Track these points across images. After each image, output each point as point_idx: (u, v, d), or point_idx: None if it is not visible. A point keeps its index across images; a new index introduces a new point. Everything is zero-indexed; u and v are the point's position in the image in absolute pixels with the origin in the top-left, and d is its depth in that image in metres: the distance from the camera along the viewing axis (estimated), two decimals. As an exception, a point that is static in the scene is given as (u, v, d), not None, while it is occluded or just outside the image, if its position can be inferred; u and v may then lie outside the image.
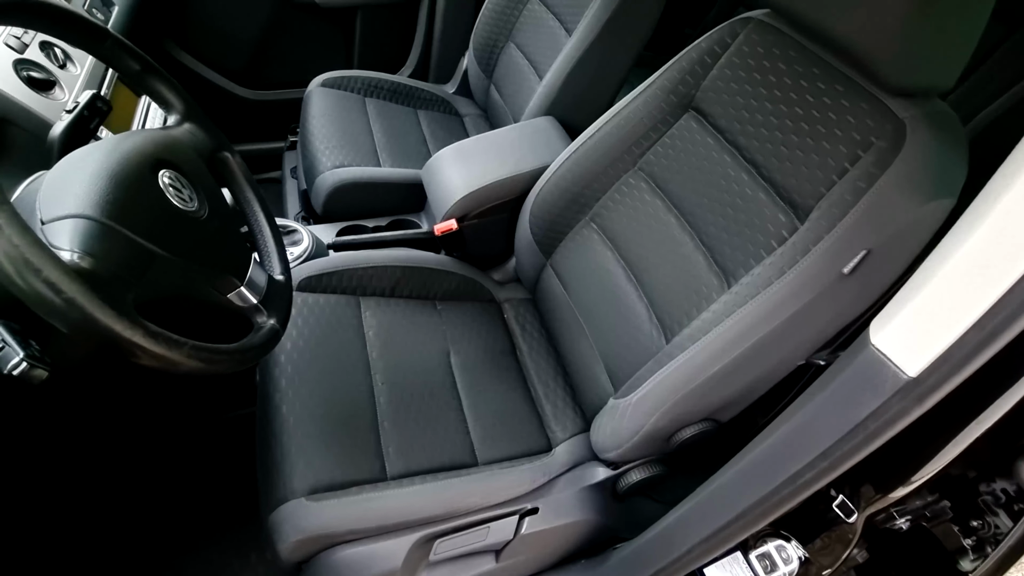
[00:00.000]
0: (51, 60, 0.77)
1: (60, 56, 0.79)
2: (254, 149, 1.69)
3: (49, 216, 0.44)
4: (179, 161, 0.57)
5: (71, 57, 0.81)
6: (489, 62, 1.51)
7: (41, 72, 0.74)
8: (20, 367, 0.42)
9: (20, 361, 0.42)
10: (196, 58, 1.50)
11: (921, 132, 0.61)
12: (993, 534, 0.47)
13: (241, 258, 0.61)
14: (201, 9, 1.45)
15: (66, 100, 0.75)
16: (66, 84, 0.77)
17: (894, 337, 0.43)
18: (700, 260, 0.82)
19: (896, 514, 0.52)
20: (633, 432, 0.77)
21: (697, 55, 0.86)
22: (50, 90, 0.74)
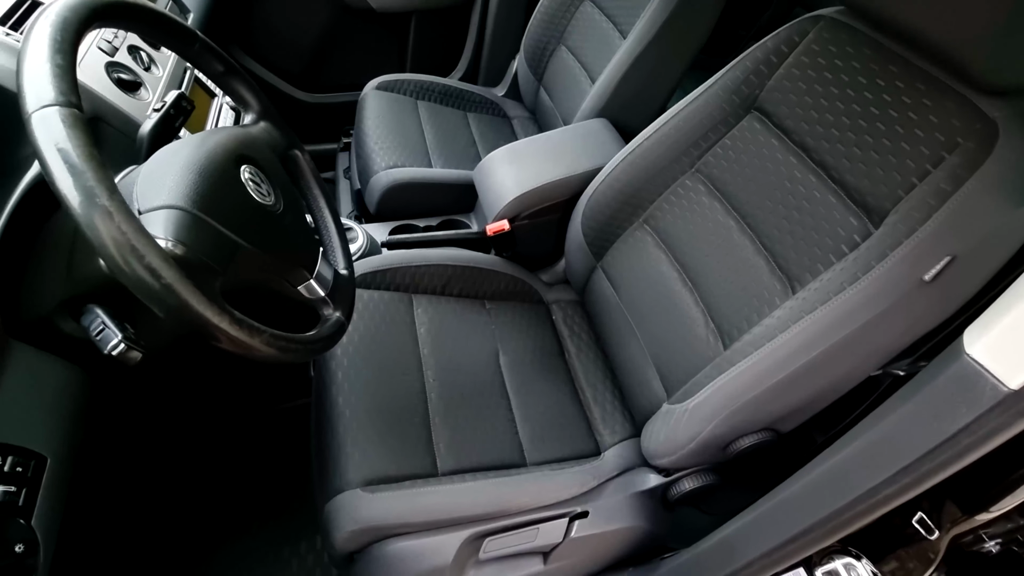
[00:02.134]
0: (138, 63, 0.82)
1: (146, 59, 0.84)
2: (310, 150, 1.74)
3: (146, 206, 0.47)
4: (258, 157, 0.59)
5: (155, 61, 0.86)
6: (539, 65, 1.52)
7: (129, 74, 0.79)
8: (119, 348, 0.45)
9: (119, 342, 0.45)
10: (259, 62, 1.57)
11: (1017, 132, 0.58)
12: (1097, 563, 0.44)
13: (311, 252, 0.63)
14: (265, 16, 1.51)
15: (151, 100, 0.80)
16: (150, 85, 0.82)
17: (993, 347, 0.40)
18: (762, 264, 0.80)
19: (985, 536, 0.49)
20: (689, 439, 0.76)
21: (762, 54, 0.84)
22: (136, 91, 0.79)
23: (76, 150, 0.38)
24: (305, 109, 1.68)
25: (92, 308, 0.48)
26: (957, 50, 0.60)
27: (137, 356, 0.46)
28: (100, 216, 0.38)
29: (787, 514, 0.59)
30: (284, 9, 1.52)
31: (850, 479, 0.51)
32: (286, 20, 1.54)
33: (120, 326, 0.47)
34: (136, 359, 0.46)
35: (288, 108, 1.66)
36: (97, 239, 0.38)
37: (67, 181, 0.38)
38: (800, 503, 0.58)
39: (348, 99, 1.69)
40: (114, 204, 0.39)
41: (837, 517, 0.53)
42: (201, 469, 1.16)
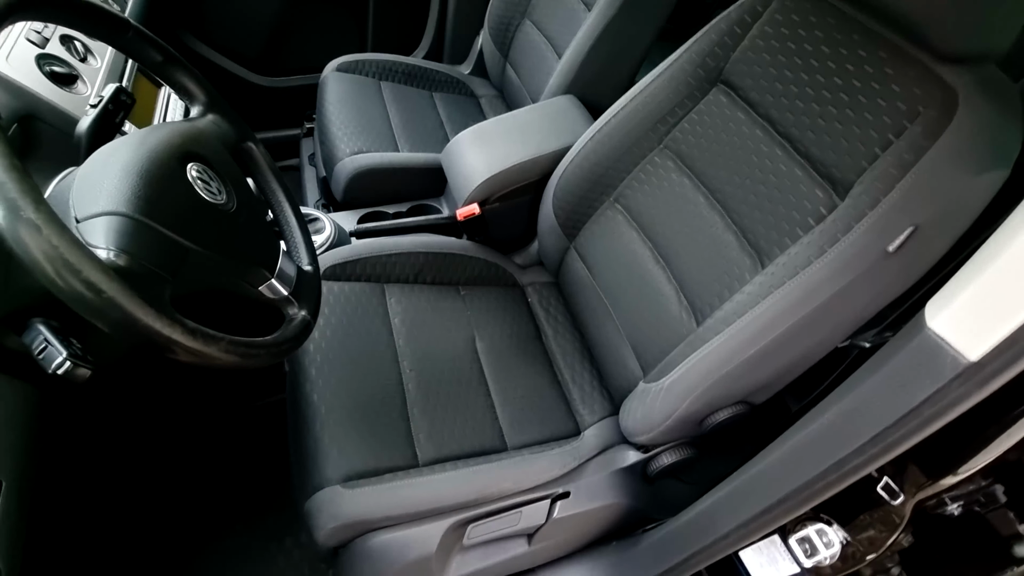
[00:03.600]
0: (72, 54, 0.77)
1: (81, 50, 0.78)
2: (270, 137, 1.69)
3: (84, 214, 0.44)
4: (206, 153, 0.56)
5: (91, 51, 0.80)
6: (505, 41, 1.48)
7: (63, 67, 0.74)
8: (64, 366, 0.43)
9: (64, 360, 0.43)
10: (211, 47, 1.49)
11: (975, 100, 0.58)
12: (1052, 520, 0.46)
13: (270, 250, 0.61)
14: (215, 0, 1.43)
15: (89, 94, 0.75)
16: (88, 78, 0.77)
17: (953, 320, 0.41)
18: (731, 240, 0.80)
19: (948, 499, 0.51)
20: (665, 416, 0.76)
21: (726, 26, 0.83)
22: (72, 84, 0.74)
23: None
24: (264, 94, 1.61)
25: (34, 324, 0.45)
26: (918, 18, 0.59)
27: (86, 373, 0.44)
28: (27, 231, 0.35)
29: (762, 486, 0.60)
30: (233, -11, 1.44)
31: (821, 451, 0.52)
32: (239, 2, 1.46)
33: (65, 342, 0.44)
34: (85, 376, 0.44)
35: (246, 94, 1.59)
36: (27, 256, 0.36)
37: None
38: (774, 475, 0.59)
39: (308, 82, 1.63)
40: (41, 216, 0.36)
41: (810, 487, 0.54)
42: (180, 471, 1.14)
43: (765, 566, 0.67)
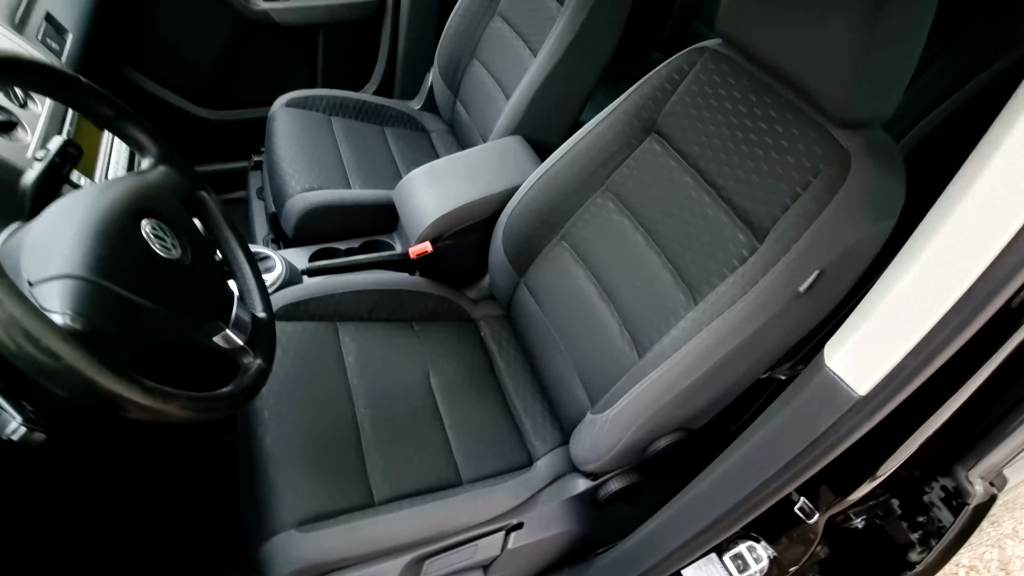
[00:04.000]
0: (11, 100, 0.75)
1: (20, 96, 0.77)
2: (217, 169, 1.66)
3: (37, 277, 0.44)
4: (159, 208, 0.57)
5: (31, 95, 0.79)
6: (454, 79, 1.53)
7: (2, 114, 0.72)
8: (19, 432, 0.42)
9: (19, 426, 0.42)
10: (154, 80, 1.47)
11: (863, 161, 0.67)
12: (937, 528, 0.53)
13: (225, 300, 0.62)
14: (158, 31, 1.41)
15: (30, 141, 0.74)
16: (28, 124, 0.76)
17: (845, 360, 0.48)
18: (667, 277, 0.86)
19: (853, 515, 0.57)
20: (611, 445, 0.81)
21: (658, 82, 0.91)
22: (12, 131, 0.73)
23: None
24: (210, 127, 1.59)
25: (-19, 389, 0.45)
26: (813, 88, 0.68)
27: (41, 438, 0.44)
28: None
29: (698, 509, 0.66)
30: (180, 23, 1.43)
31: (745, 476, 0.57)
32: (183, 35, 1.45)
33: (17, 406, 0.44)
34: (40, 440, 0.44)
35: (191, 127, 1.56)
36: None
37: None
38: (708, 498, 0.64)
39: (257, 115, 1.62)
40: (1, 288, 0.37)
41: (738, 509, 0.60)
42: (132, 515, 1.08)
43: (705, 583, 0.72)
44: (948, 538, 0.51)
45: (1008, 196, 0.37)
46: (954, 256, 0.40)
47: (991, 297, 0.38)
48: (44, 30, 0.96)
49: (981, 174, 0.38)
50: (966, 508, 0.51)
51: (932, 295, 0.41)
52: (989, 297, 0.38)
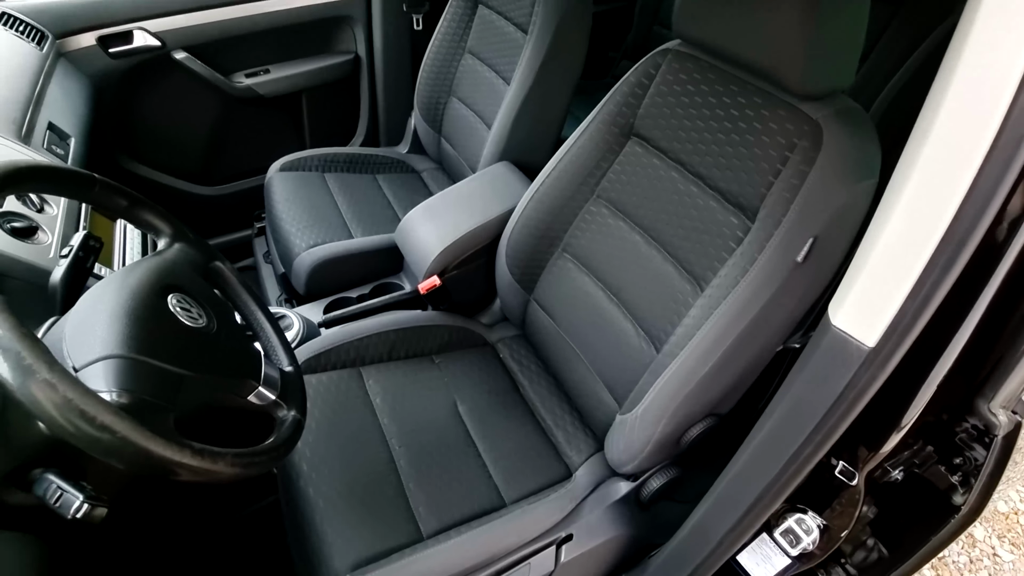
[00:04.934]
0: (28, 207, 0.80)
1: (36, 201, 0.82)
2: (222, 241, 1.72)
3: (81, 362, 0.48)
4: (181, 282, 0.61)
5: (46, 199, 0.84)
6: (436, 118, 1.59)
7: (22, 220, 0.77)
8: (83, 509, 0.45)
9: (82, 504, 0.45)
10: (152, 167, 1.54)
11: (835, 128, 0.70)
12: (974, 467, 0.53)
13: (253, 359, 0.65)
14: (150, 122, 1.49)
15: (51, 242, 0.78)
16: (47, 226, 0.80)
17: (849, 316, 0.49)
18: (671, 270, 0.89)
19: (890, 468, 0.58)
20: (644, 442, 0.82)
21: (628, 88, 0.95)
22: (33, 236, 0.77)
23: (6, 333, 0.39)
24: (210, 203, 1.66)
25: (43, 475, 0.48)
26: (776, 71, 0.71)
27: (103, 512, 0.46)
28: (42, 390, 0.39)
29: (738, 490, 0.66)
30: (170, 112, 1.51)
31: (776, 448, 0.59)
32: (174, 122, 1.52)
33: (78, 486, 0.47)
34: (102, 516, 0.46)
35: (192, 205, 1.63)
36: (44, 412, 0.39)
37: (2, 365, 0.39)
38: (745, 478, 0.65)
39: (254, 184, 1.69)
40: (55, 375, 0.40)
41: (776, 482, 0.61)
42: None
43: (761, 564, 0.72)
44: (985, 473, 0.51)
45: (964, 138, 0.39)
46: (928, 199, 0.42)
47: (970, 231, 0.40)
48: (48, 138, 1.02)
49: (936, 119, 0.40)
50: (995, 440, 0.51)
51: (916, 239, 0.43)
52: (968, 231, 0.40)
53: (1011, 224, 0.41)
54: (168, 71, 1.43)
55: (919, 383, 0.50)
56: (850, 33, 0.69)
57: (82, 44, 1.30)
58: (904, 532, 0.61)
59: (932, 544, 0.57)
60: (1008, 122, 0.37)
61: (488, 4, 1.42)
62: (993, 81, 0.37)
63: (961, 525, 0.54)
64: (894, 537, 0.62)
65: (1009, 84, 0.36)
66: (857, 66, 0.74)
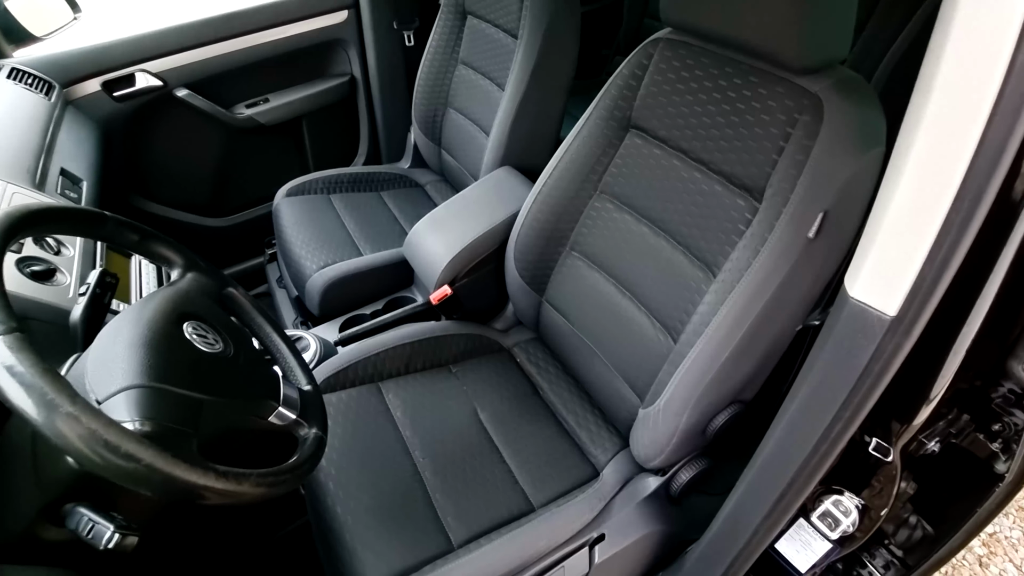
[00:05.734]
0: (46, 250, 0.82)
1: (53, 244, 0.84)
2: (236, 271, 1.75)
3: (103, 395, 0.48)
4: (196, 310, 0.62)
5: (63, 242, 0.86)
6: (434, 131, 1.61)
7: (40, 264, 0.79)
8: (115, 539, 0.45)
9: (113, 534, 0.45)
10: (163, 204, 1.57)
11: (835, 99, 0.68)
12: (1015, 432, 0.51)
13: (272, 382, 0.65)
14: (157, 160, 1.52)
15: (69, 283, 0.80)
16: (64, 267, 0.82)
17: (867, 286, 0.48)
18: (681, 259, 0.88)
19: (925, 440, 0.56)
20: (670, 435, 0.81)
21: (622, 81, 0.94)
22: (52, 278, 0.79)
23: (29, 370, 0.40)
24: (221, 234, 1.69)
25: (74, 509, 0.48)
26: (770, 47, 0.71)
27: (134, 541, 0.47)
28: (66, 424, 0.40)
29: (770, 475, 0.65)
30: (176, 150, 1.54)
31: (805, 428, 0.57)
32: (181, 159, 1.56)
33: (108, 517, 0.47)
34: (133, 544, 0.47)
35: (204, 238, 1.66)
36: (70, 445, 0.40)
37: (27, 401, 0.39)
38: (776, 461, 0.63)
39: (262, 212, 1.72)
40: (78, 408, 0.40)
41: (808, 463, 0.59)
42: None
43: (801, 551, 0.70)
44: (1027, 437, 0.50)
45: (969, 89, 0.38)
46: (938, 156, 0.41)
47: (984, 186, 0.39)
48: (61, 183, 1.05)
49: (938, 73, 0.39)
50: (1034, 401, 0.50)
51: (929, 199, 0.42)
52: (982, 186, 0.39)
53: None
54: (171, 109, 1.46)
55: (946, 349, 0.49)
56: (842, 2, 0.68)
57: (88, 91, 1.34)
58: (947, 506, 0.58)
59: (979, 517, 0.54)
60: (1013, 70, 0.36)
61: (476, 13, 1.43)
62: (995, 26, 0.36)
63: (1008, 494, 0.52)
64: (937, 513, 0.60)
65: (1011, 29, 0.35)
66: (853, 35, 0.73)
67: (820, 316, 0.74)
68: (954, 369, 0.49)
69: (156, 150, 1.52)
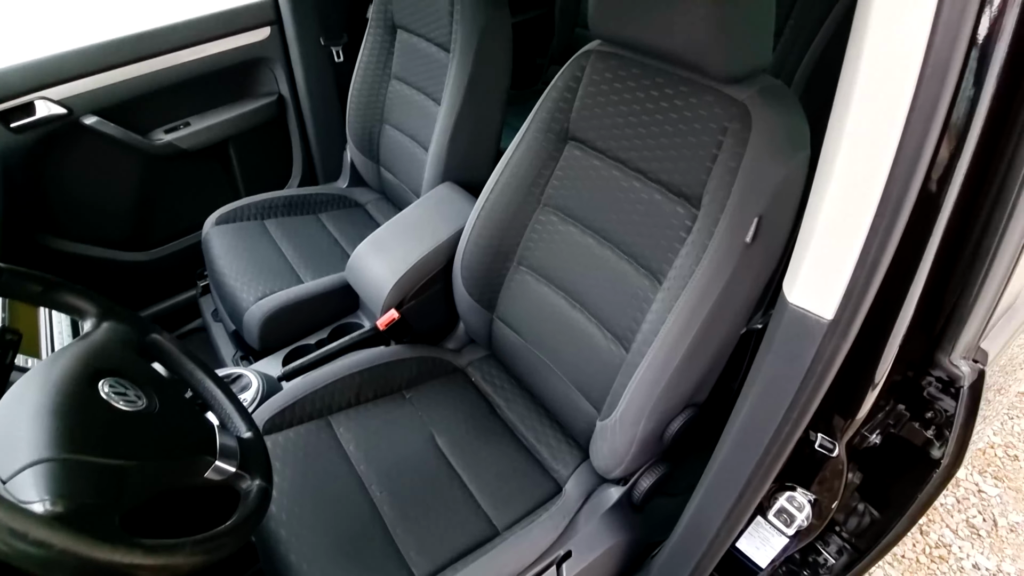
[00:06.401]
0: (-66, 306, 0.73)
1: (-58, 299, 0.75)
2: (166, 307, 1.63)
3: (7, 473, 0.43)
4: (113, 365, 0.56)
5: (-46, 295, 0.77)
6: (371, 148, 1.56)
7: (-73, 323, 0.70)
8: None
9: None
10: (76, 241, 1.44)
11: (761, 106, 0.71)
12: (946, 419, 0.54)
13: (206, 432, 0.60)
14: (67, 194, 1.40)
15: (-38, 339, 0.72)
16: (-43, 324, 0.74)
17: (804, 291, 0.49)
18: (627, 268, 0.88)
19: (867, 433, 0.58)
20: (628, 444, 0.81)
21: (557, 93, 0.95)
22: (-58, 335, 0.70)
23: None
24: (146, 269, 1.57)
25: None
26: (696, 59, 0.72)
27: None
28: None
29: (727, 476, 0.66)
30: (86, 181, 1.42)
31: (757, 430, 0.58)
32: (94, 190, 1.44)
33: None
34: None
35: (126, 274, 1.54)
36: None
37: None
38: (732, 464, 0.64)
39: (190, 242, 1.61)
40: (-30, 497, 0.35)
41: (763, 463, 0.60)
42: None
43: (761, 547, 0.72)
44: (958, 423, 0.52)
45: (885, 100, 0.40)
46: (860, 165, 0.42)
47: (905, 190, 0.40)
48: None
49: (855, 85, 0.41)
50: (962, 391, 0.53)
51: (855, 206, 0.43)
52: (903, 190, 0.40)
53: (941, 178, 0.42)
54: (79, 138, 1.35)
55: (881, 346, 0.51)
56: (760, 13, 0.70)
57: (-21, 122, 1.22)
58: (891, 493, 0.61)
59: (920, 500, 0.57)
60: (923, 77, 0.38)
61: (407, 28, 1.41)
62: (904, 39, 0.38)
63: (944, 478, 0.55)
64: (883, 500, 0.62)
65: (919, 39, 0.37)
66: (773, 45, 0.76)
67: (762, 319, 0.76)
68: (890, 363, 0.51)
69: (65, 183, 1.39)
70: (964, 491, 1.47)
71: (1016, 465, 1.52)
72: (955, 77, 0.38)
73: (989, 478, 1.49)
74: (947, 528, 1.39)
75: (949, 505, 1.43)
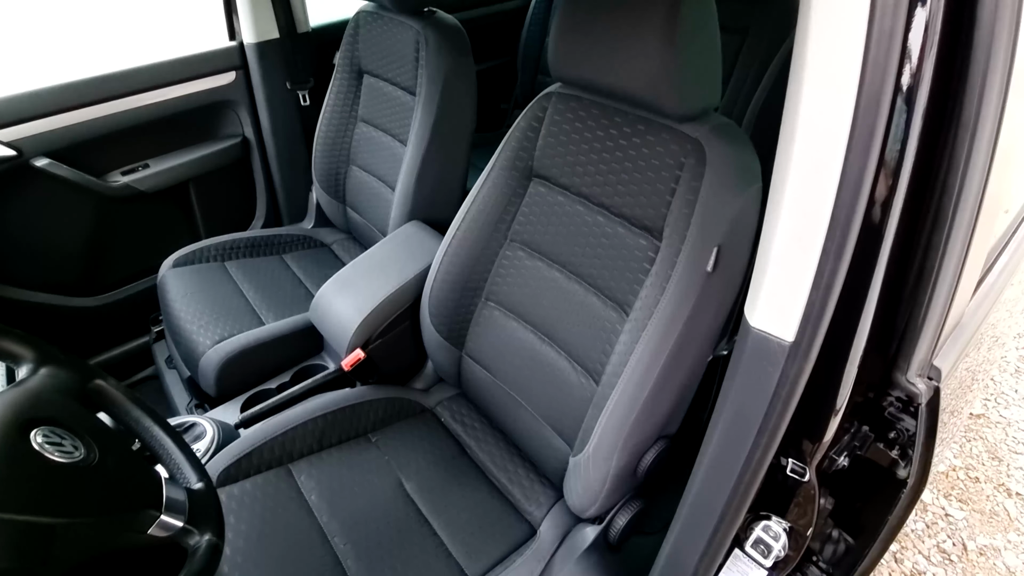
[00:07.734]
0: None
1: None
2: (117, 354, 1.55)
3: (-88, 538, 0.38)
4: (48, 413, 0.52)
5: None
6: (338, 189, 1.56)
7: None
8: None
9: None
10: (20, 287, 1.37)
11: (714, 143, 0.74)
12: (908, 438, 0.55)
13: (152, 484, 0.56)
14: (12, 237, 1.33)
15: None
16: None
17: (765, 314, 0.50)
18: (594, 300, 0.89)
19: (835, 456, 0.59)
20: (602, 480, 0.79)
21: (520, 133, 0.97)
22: None
23: None
24: (96, 315, 1.49)
25: None
26: (650, 99, 0.76)
27: None
28: None
29: (701, 510, 0.65)
30: (35, 224, 1.36)
31: (728, 459, 0.58)
32: (40, 233, 1.37)
33: None
34: None
35: (75, 320, 1.46)
36: None
37: None
38: (706, 496, 0.63)
39: (145, 286, 1.55)
40: None
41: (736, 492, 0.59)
42: None
43: (740, 582, 0.70)
44: (919, 442, 0.53)
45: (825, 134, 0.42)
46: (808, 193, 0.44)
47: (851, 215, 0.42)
48: None
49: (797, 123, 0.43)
50: (920, 409, 0.54)
51: (806, 232, 0.45)
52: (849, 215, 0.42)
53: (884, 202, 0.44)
54: (29, 180, 1.30)
55: (841, 367, 0.52)
56: (708, 57, 0.75)
57: (-81, 164, 1.16)
58: (863, 517, 0.61)
59: (891, 523, 0.57)
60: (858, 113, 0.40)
61: (373, 72, 1.44)
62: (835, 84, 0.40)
63: (912, 498, 0.55)
64: (855, 524, 0.62)
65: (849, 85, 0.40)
66: (722, 87, 0.81)
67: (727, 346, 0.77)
68: (851, 384, 0.52)
69: (11, 226, 1.33)
70: (932, 515, 1.48)
71: (978, 487, 1.55)
72: (887, 109, 0.40)
73: (955, 501, 1.52)
74: (920, 555, 1.40)
75: (919, 531, 1.45)
